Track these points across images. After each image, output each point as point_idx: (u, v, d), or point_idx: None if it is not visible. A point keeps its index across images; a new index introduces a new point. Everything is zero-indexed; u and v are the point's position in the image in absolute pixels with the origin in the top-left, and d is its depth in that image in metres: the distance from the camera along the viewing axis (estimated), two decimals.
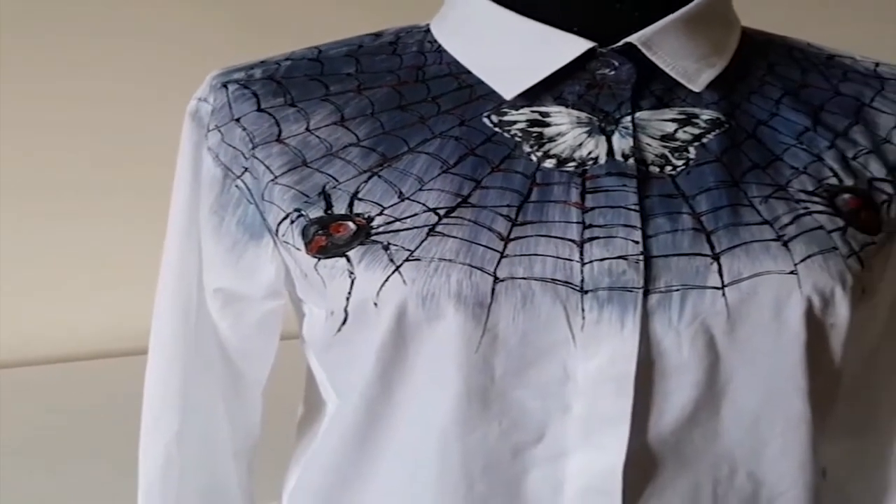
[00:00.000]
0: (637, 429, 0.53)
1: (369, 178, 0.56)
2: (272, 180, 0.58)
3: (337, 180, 0.56)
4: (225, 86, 0.61)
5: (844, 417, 0.73)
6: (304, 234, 0.56)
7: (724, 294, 0.52)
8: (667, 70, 0.57)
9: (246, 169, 0.60)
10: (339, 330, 0.55)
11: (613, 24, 0.57)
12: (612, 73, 0.57)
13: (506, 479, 0.55)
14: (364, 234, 0.54)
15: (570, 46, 0.56)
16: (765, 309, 0.52)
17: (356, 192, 0.56)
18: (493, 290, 0.51)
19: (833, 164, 0.58)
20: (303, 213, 0.56)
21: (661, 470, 0.55)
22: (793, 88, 0.62)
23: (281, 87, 0.61)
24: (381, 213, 0.54)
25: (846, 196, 0.57)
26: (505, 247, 0.52)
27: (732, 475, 0.56)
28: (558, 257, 0.52)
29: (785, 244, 0.53)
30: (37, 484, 1.09)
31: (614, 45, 0.57)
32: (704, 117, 0.58)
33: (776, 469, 0.57)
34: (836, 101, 0.62)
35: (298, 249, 0.56)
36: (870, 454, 0.71)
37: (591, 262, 0.52)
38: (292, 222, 0.57)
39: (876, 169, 0.59)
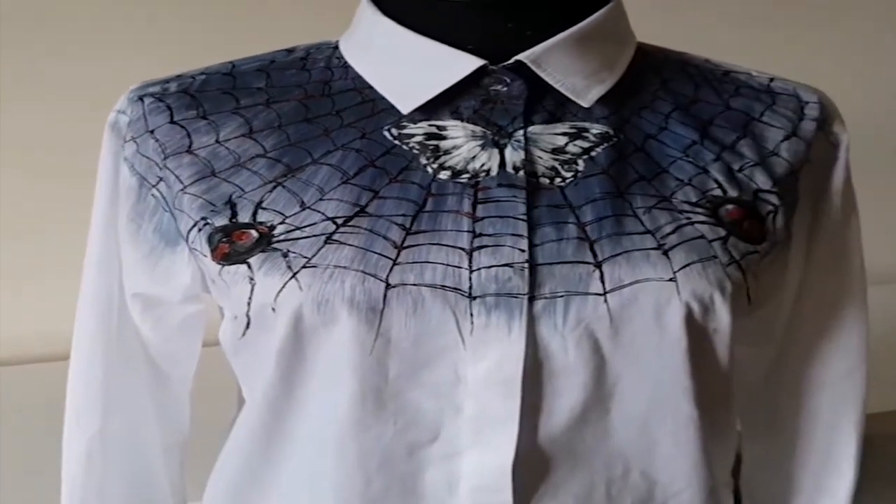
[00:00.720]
0: (527, 429, 0.55)
1: (274, 187, 0.58)
2: (182, 189, 0.60)
3: (243, 190, 0.59)
4: (141, 99, 0.64)
5: (752, 421, 0.75)
6: (209, 241, 0.58)
7: (605, 300, 0.54)
8: (556, 86, 0.59)
9: (161, 178, 0.62)
10: (243, 334, 0.57)
11: (507, 43, 0.59)
12: (505, 89, 0.59)
13: (402, 476, 0.57)
14: (265, 241, 0.56)
15: (463, 64, 0.59)
16: (646, 314, 0.54)
17: (260, 202, 0.58)
18: (385, 295, 0.53)
19: (718, 176, 0.60)
20: (209, 221, 0.58)
21: (554, 469, 0.57)
22: (684, 103, 0.64)
23: (194, 101, 0.63)
24: (282, 222, 0.56)
25: (729, 207, 0.59)
26: (398, 254, 0.54)
27: (626, 474, 0.58)
28: (448, 265, 0.54)
29: (665, 253, 0.55)
30: (36, 483, 1.09)
31: (506, 63, 0.59)
32: (594, 131, 0.60)
33: (669, 468, 0.59)
34: (726, 116, 0.64)
35: (205, 256, 0.58)
36: (773, 456, 0.73)
37: (479, 269, 0.54)
38: (199, 230, 0.59)
39: (762, 181, 0.61)
